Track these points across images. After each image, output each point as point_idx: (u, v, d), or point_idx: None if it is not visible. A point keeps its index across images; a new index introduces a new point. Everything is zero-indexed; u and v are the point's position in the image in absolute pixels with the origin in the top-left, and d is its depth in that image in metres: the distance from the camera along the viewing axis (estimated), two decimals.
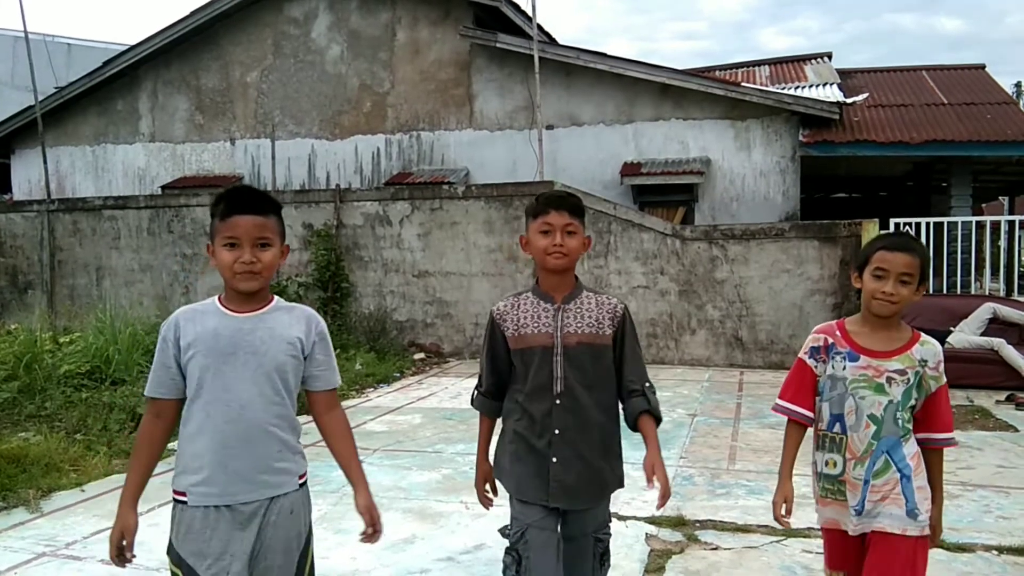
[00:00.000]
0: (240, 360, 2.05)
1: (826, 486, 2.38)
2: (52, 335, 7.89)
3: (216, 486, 2.02)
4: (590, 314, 2.39)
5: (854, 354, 2.30)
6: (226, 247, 2.05)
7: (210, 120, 13.48)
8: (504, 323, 2.43)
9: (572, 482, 2.35)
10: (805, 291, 9.28)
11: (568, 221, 2.34)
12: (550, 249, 2.34)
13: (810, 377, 2.37)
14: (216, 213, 2.09)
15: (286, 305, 2.20)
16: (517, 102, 12.04)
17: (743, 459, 5.32)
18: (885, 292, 2.23)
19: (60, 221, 11.94)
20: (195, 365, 2.05)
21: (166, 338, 2.09)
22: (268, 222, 2.09)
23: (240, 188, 2.15)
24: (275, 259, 2.10)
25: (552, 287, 2.42)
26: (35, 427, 5.83)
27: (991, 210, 19.51)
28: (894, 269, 2.22)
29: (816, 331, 2.40)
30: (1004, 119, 11.55)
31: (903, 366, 2.27)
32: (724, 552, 3.75)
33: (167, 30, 13.16)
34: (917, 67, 15.04)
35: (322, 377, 2.19)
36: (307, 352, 2.14)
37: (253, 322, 2.09)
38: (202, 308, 2.14)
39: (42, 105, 12.87)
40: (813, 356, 2.37)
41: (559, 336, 2.37)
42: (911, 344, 2.30)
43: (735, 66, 15.83)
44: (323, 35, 12.93)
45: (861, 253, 2.38)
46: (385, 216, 10.63)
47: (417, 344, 10.44)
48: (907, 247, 2.26)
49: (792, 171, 11.17)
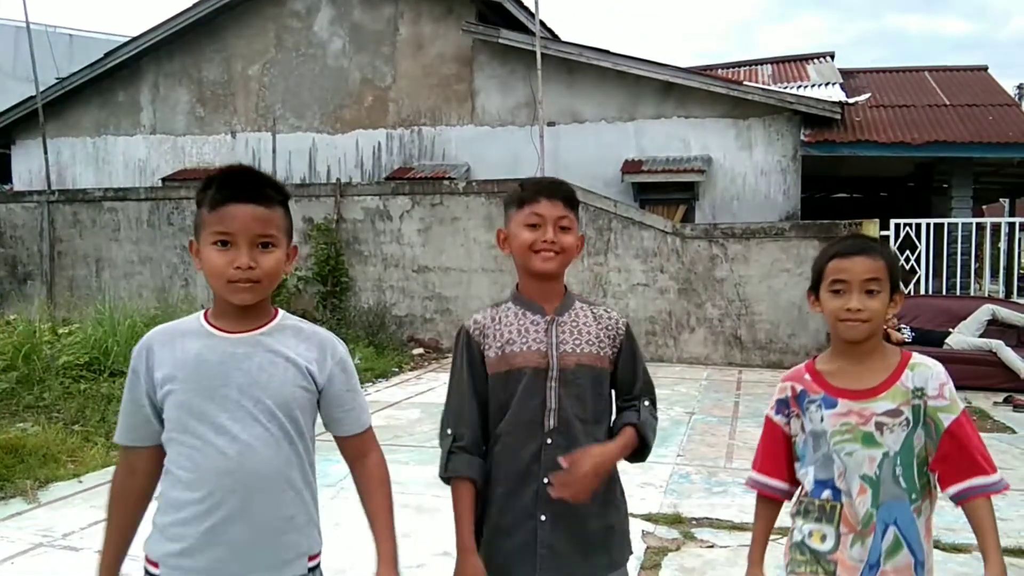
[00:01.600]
0: (233, 395, 1.56)
1: (804, 561, 1.81)
2: (51, 326, 7.88)
3: (200, 560, 1.54)
4: (588, 330, 1.92)
5: (830, 399, 1.80)
6: (216, 246, 1.56)
7: (211, 113, 13.46)
8: (485, 340, 1.89)
9: (565, 548, 1.84)
10: (804, 290, 9.26)
11: (563, 213, 1.89)
12: (539, 246, 1.87)
13: (781, 438, 1.89)
14: (204, 200, 1.59)
15: (295, 323, 1.68)
16: (519, 98, 12.02)
17: (740, 458, 5.32)
18: (850, 309, 1.76)
19: (60, 212, 11.94)
20: (173, 403, 1.57)
21: (136, 370, 1.61)
22: (272, 215, 1.60)
23: (238, 169, 1.64)
24: (279, 264, 1.61)
25: (539, 295, 1.93)
26: (33, 418, 5.84)
27: (992, 212, 19.49)
28: (855, 278, 1.77)
29: (782, 379, 1.93)
30: (1006, 121, 11.54)
31: (894, 404, 1.75)
32: (720, 550, 3.76)
33: (169, 22, 13.14)
34: (919, 68, 15.02)
35: (346, 420, 1.70)
36: (322, 386, 1.65)
37: (249, 345, 1.60)
38: (182, 328, 1.65)
39: (43, 96, 12.85)
40: (781, 412, 1.90)
41: (555, 355, 1.87)
42: (899, 371, 1.78)
43: (737, 65, 15.80)
44: (325, 29, 12.91)
45: (813, 269, 1.93)
46: (385, 211, 10.62)
47: (416, 339, 10.44)
48: (865, 249, 1.81)
49: (793, 170, 11.16)
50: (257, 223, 1.57)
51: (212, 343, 1.60)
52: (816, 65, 14.97)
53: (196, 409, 1.55)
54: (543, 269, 1.89)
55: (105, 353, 7.26)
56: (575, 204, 1.96)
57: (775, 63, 15.54)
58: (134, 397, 1.61)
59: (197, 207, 1.62)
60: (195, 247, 1.64)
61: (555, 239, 1.87)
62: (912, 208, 12.87)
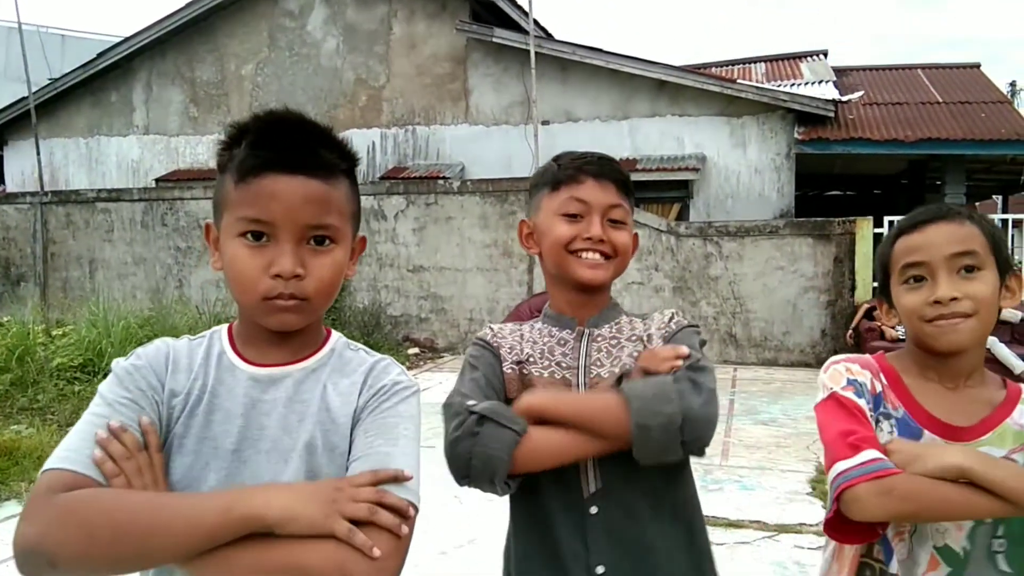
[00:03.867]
0: (247, 465, 1.07)
1: None
2: (45, 328, 7.86)
3: None
4: (633, 346, 1.40)
5: (913, 425, 1.23)
6: (245, 239, 1.06)
7: (205, 113, 13.42)
8: (501, 350, 1.42)
9: None
10: (799, 288, 9.31)
11: (615, 201, 1.38)
12: (581, 244, 1.36)
13: (867, 419, 1.24)
14: (229, 164, 1.08)
15: (351, 350, 1.22)
16: (513, 97, 12.02)
17: (736, 455, 5.32)
18: (940, 301, 1.20)
19: (53, 213, 11.89)
20: (182, 464, 1.08)
21: (134, 378, 1.08)
22: (333, 193, 1.09)
23: (282, 117, 1.09)
24: (340, 269, 1.13)
25: (577, 308, 1.43)
26: (27, 420, 5.83)
27: (984, 209, 19.55)
28: (937, 255, 1.21)
29: (850, 361, 1.31)
30: (998, 118, 11.58)
31: (1003, 450, 1.21)
32: (716, 547, 3.76)
33: (162, 21, 13.10)
34: (912, 65, 15.06)
35: (356, 467, 1.06)
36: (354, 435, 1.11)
37: (285, 389, 1.11)
38: (200, 349, 1.14)
39: (35, 96, 12.80)
40: (861, 395, 1.25)
41: (583, 379, 1.36)
42: (1009, 405, 1.24)
43: (731, 63, 15.82)
44: (319, 28, 12.89)
45: (878, 262, 1.34)
46: (380, 210, 10.61)
47: (411, 339, 10.43)
48: (945, 213, 1.26)
49: (787, 168, 11.18)
50: (310, 207, 1.05)
51: (238, 382, 1.11)
52: (809, 63, 14.99)
53: (199, 474, 1.10)
54: (588, 279, 1.37)
55: (99, 355, 7.24)
56: (630, 190, 1.43)
57: (769, 61, 15.56)
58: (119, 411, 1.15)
59: (219, 172, 1.11)
60: (212, 233, 1.12)
61: (604, 236, 1.36)
62: (906, 205, 12.87)
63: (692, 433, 1.22)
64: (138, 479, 1.03)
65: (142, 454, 1.04)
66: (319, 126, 1.11)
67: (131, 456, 1.03)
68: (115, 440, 1.03)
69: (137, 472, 1.03)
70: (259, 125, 1.08)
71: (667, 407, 1.21)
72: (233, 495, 0.98)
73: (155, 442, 1.06)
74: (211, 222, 1.14)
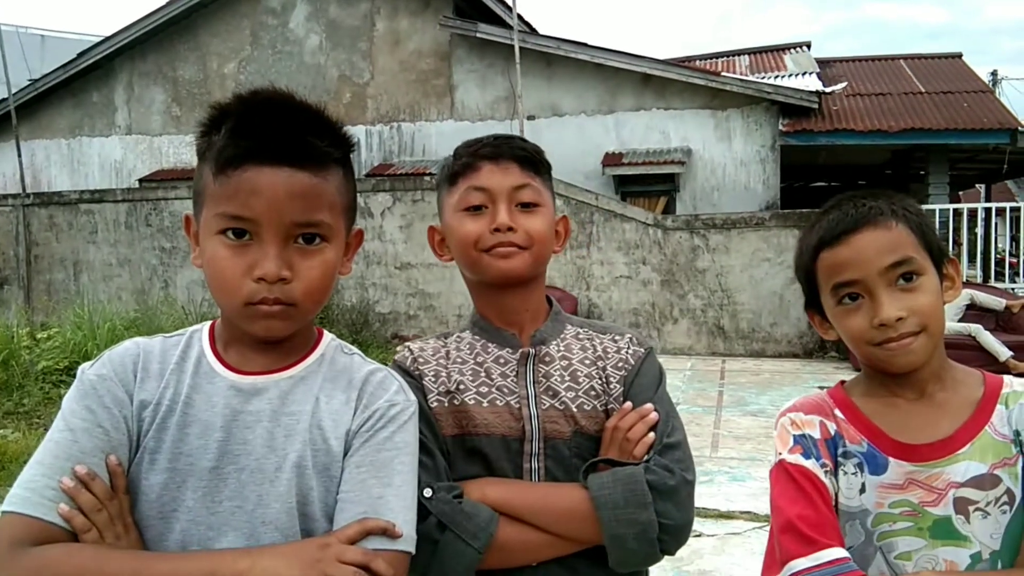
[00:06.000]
0: (228, 484, 1.00)
1: None
2: (29, 331, 7.80)
3: None
4: (588, 371, 1.24)
5: (879, 457, 1.10)
6: (225, 236, 0.98)
7: (188, 112, 13.32)
8: (424, 380, 1.24)
9: None
10: (785, 279, 9.34)
11: (520, 181, 1.22)
12: (491, 239, 1.20)
13: (822, 492, 1.10)
14: (208, 152, 1.00)
15: (345, 355, 1.13)
16: (498, 92, 11.99)
17: (725, 446, 5.34)
18: (885, 324, 1.07)
19: (36, 215, 11.78)
20: (156, 482, 1.00)
21: (99, 393, 1.03)
22: (324, 187, 1.00)
23: (268, 96, 1.01)
24: (331, 270, 1.05)
25: (506, 316, 1.27)
26: (13, 424, 5.78)
27: (968, 198, 19.72)
28: (870, 271, 1.08)
29: (794, 410, 1.19)
30: (980, 108, 11.66)
31: (984, 464, 1.06)
32: (707, 539, 3.78)
33: (143, 20, 12.98)
34: (895, 56, 15.14)
35: (346, 509, 1.01)
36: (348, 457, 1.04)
37: (269, 399, 1.03)
38: (176, 351, 1.06)
39: (16, 98, 12.65)
40: (809, 455, 1.12)
41: (535, 413, 1.20)
42: (987, 407, 1.10)
43: (715, 56, 15.86)
44: (301, 25, 12.81)
45: (798, 275, 1.22)
46: (366, 208, 10.57)
47: (400, 336, 10.41)
48: (870, 218, 1.10)
49: (772, 160, 11.22)
50: (297, 203, 0.97)
51: (219, 392, 1.02)
52: (793, 55, 15.04)
53: (176, 494, 1.03)
54: (504, 270, 1.20)
55: (85, 357, 7.16)
56: (540, 167, 1.26)
57: (752, 54, 15.60)
58: (89, 429, 1.06)
59: (199, 159, 1.02)
60: (192, 226, 1.04)
61: (513, 223, 1.20)
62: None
63: (669, 541, 1.16)
64: (110, 532, 0.97)
65: (112, 503, 0.98)
66: (309, 109, 1.01)
67: (102, 508, 0.97)
68: (84, 490, 0.96)
69: (109, 524, 0.97)
70: (241, 108, 0.99)
71: (641, 514, 1.12)
72: (215, 558, 0.95)
73: (122, 484, 0.99)
74: (191, 214, 1.05)
